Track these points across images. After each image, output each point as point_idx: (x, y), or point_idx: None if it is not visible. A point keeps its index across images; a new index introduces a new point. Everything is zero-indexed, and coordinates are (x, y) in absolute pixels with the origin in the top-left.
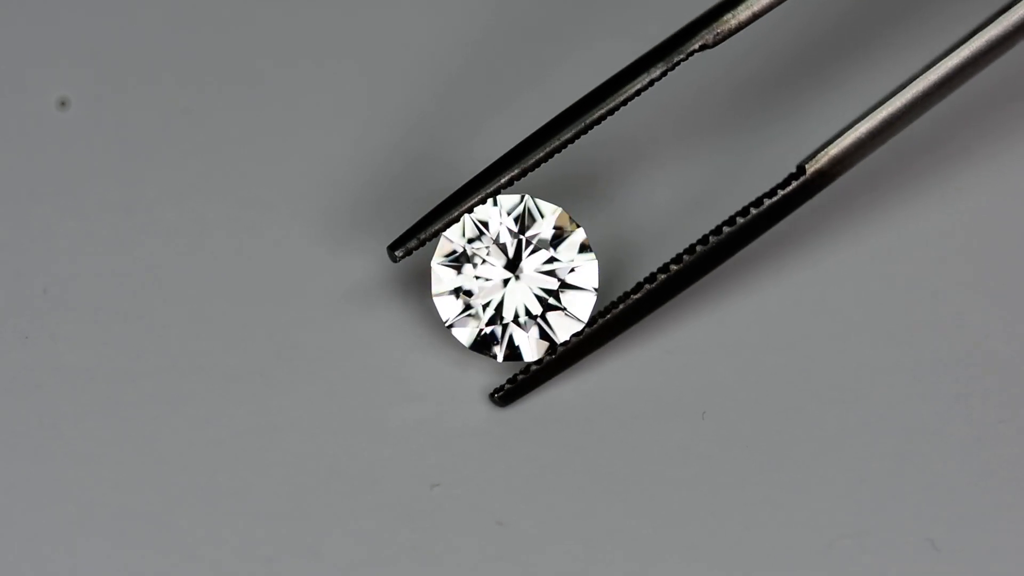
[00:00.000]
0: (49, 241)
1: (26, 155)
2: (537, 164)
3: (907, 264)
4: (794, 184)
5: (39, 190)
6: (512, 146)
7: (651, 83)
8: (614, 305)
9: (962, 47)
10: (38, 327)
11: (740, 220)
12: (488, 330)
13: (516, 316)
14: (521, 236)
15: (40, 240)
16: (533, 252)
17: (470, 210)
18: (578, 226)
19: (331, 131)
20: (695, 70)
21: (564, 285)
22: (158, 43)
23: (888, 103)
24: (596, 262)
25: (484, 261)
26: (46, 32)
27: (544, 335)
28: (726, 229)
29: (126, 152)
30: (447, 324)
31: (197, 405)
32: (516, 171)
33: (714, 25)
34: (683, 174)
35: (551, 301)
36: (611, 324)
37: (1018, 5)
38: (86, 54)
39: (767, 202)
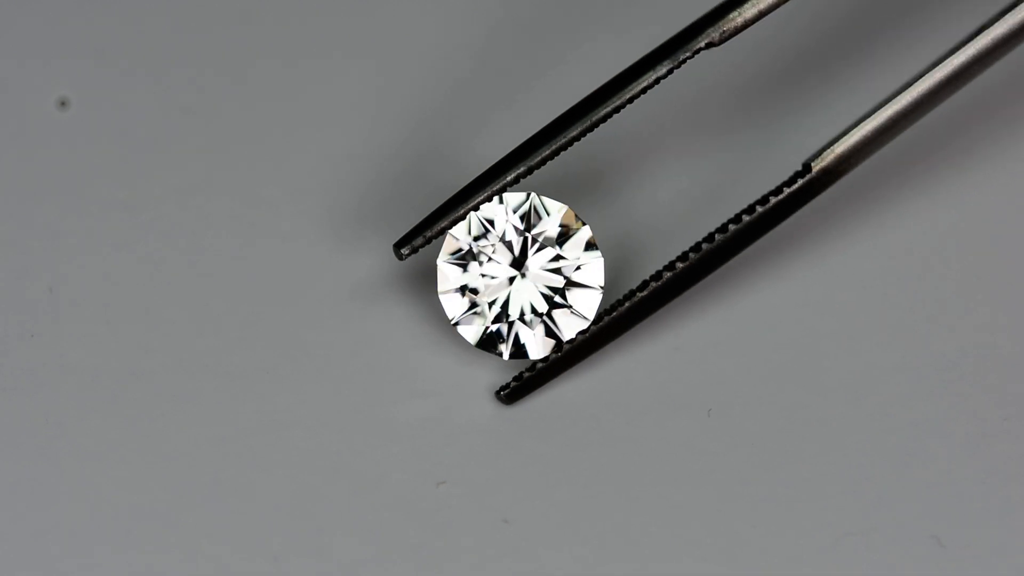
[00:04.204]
0: (54, 240)
1: (30, 155)
2: (543, 162)
3: (913, 262)
4: (800, 182)
5: (43, 189)
6: (518, 144)
7: (657, 81)
8: (620, 303)
9: (968, 45)
10: (44, 325)
11: (746, 218)
12: (494, 327)
13: (522, 314)
14: (527, 234)
15: (45, 239)
16: (539, 250)
17: (476, 208)
18: (584, 224)
19: (336, 129)
20: (701, 68)
21: (570, 283)
22: (161, 42)
23: (894, 101)
24: (602, 260)
25: (490, 259)
26: (46, 32)
27: (550, 333)
28: (732, 227)
29: (131, 151)
30: (453, 322)
31: (202, 403)
32: (522, 169)
33: (720, 23)
34: (689, 172)
35: (557, 299)
36: (617, 322)
37: None
38: (86, 54)
39: (773, 200)
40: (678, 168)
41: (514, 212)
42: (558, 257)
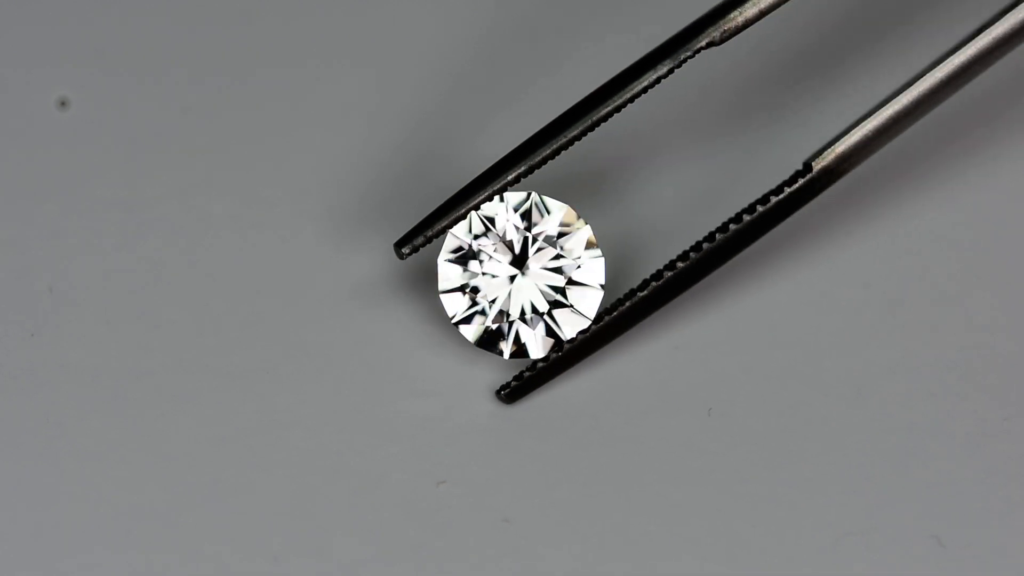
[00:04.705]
0: (54, 239)
1: (31, 154)
2: (544, 161)
3: (913, 261)
4: (801, 182)
5: (43, 189)
6: (519, 143)
7: (658, 80)
8: (621, 302)
9: (968, 45)
10: (44, 325)
11: (747, 217)
12: (495, 326)
13: (523, 313)
14: (528, 233)
15: (45, 238)
16: (540, 249)
17: (477, 207)
18: (585, 223)
19: (337, 129)
20: (702, 68)
21: (571, 282)
22: (161, 42)
23: (895, 100)
24: (603, 259)
25: (491, 258)
26: (46, 32)
27: (551, 332)
28: (733, 226)
29: (131, 151)
30: (454, 321)
31: (203, 403)
32: (523, 168)
33: (721, 22)
34: (690, 171)
35: (558, 298)
36: (618, 321)
37: None
38: (86, 54)
39: (774, 199)
40: (679, 167)
41: (515, 211)
42: (559, 256)
